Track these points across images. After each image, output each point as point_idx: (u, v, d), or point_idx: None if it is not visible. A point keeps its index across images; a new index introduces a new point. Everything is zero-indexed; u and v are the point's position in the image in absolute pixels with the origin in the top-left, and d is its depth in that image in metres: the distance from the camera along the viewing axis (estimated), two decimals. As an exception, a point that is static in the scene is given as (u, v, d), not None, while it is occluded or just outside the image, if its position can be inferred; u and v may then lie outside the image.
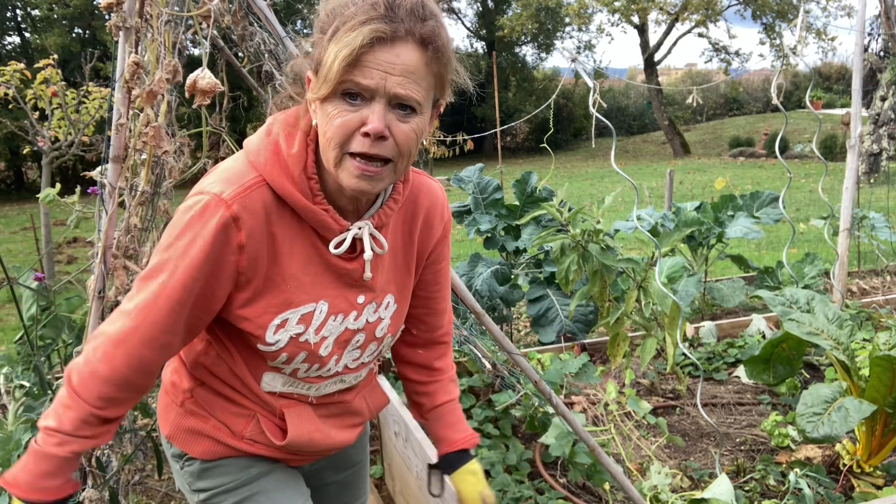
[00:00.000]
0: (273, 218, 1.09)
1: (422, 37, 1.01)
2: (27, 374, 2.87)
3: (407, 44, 1.00)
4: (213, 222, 1.05)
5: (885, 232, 5.12)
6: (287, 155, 1.09)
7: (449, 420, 1.44)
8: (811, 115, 19.91)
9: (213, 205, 1.05)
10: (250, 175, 1.08)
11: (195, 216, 1.06)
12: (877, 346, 2.51)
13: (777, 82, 3.33)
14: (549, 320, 3.78)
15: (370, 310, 1.23)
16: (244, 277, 1.10)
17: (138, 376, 1.12)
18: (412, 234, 1.27)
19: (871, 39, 12.47)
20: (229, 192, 1.06)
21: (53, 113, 4.87)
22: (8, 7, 19.19)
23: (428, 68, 1.03)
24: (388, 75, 0.99)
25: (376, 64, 0.99)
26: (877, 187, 10.78)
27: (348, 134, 1.02)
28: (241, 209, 1.06)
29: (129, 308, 1.10)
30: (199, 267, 1.06)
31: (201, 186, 1.09)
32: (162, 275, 1.07)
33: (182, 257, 1.06)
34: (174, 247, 1.07)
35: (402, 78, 1.00)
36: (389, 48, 0.99)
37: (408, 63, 1.00)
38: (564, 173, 17.75)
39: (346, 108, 1.01)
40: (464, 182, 4.21)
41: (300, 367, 1.20)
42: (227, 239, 1.06)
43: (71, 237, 9.01)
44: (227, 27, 1.98)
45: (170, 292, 1.07)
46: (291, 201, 1.09)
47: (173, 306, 1.08)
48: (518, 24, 23.64)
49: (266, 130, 1.13)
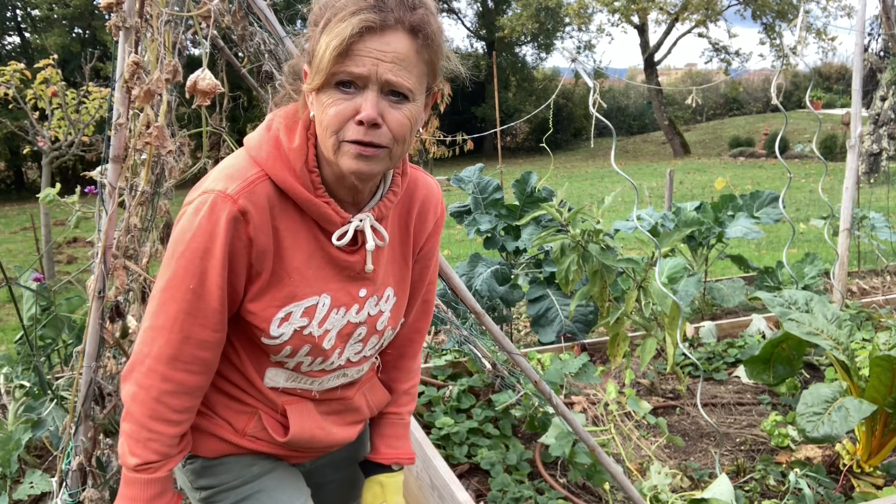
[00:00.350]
0: (276, 212, 1.11)
1: (411, 25, 1.02)
2: (27, 374, 2.87)
3: (397, 32, 1.01)
4: (223, 219, 1.06)
5: (885, 232, 5.12)
6: (288, 149, 1.10)
7: (385, 432, 1.44)
8: (811, 115, 19.91)
9: (220, 202, 1.06)
10: (253, 170, 1.10)
11: (205, 217, 1.07)
12: (877, 346, 2.51)
13: (777, 82, 3.32)
14: (549, 320, 3.78)
15: (371, 303, 1.24)
16: (254, 270, 1.12)
17: (204, 379, 1.16)
18: (408, 227, 1.29)
19: (871, 39, 12.47)
20: (233, 187, 1.07)
21: (53, 113, 4.87)
22: (8, 7, 19.19)
23: (419, 56, 1.04)
24: (379, 62, 1.01)
25: (367, 52, 1.00)
26: (877, 187, 10.78)
27: (343, 122, 1.04)
28: (246, 203, 1.07)
29: (160, 323, 1.10)
30: (224, 265, 1.08)
31: (205, 186, 1.10)
32: (190, 281, 1.08)
33: (206, 258, 1.07)
34: (192, 250, 1.07)
35: (392, 65, 1.01)
36: (379, 37, 1.01)
37: (398, 51, 1.02)
38: (564, 173, 17.74)
39: (340, 97, 1.03)
40: (464, 182, 4.21)
41: (304, 361, 1.21)
42: (238, 233, 1.07)
43: (71, 237, 9.01)
44: (227, 27, 1.98)
45: (209, 294, 1.08)
46: (293, 194, 1.10)
47: (216, 307, 1.10)
48: (518, 24, 23.64)
49: (266, 126, 1.14)
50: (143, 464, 1.12)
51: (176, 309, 1.09)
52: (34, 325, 2.90)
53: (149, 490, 1.13)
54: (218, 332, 1.13)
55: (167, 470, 1.15)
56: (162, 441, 1.13)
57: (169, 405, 1.12)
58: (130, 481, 1.13)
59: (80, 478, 1.78)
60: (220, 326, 1.12)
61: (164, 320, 1.10)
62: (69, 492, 1.77)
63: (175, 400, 1.12)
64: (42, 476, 2.51)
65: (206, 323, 1.10)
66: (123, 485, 1.15)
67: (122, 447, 1.14)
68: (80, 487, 1.77)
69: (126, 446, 1.13)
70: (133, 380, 1.12)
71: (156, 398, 1.11)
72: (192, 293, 1.08)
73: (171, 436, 1.14)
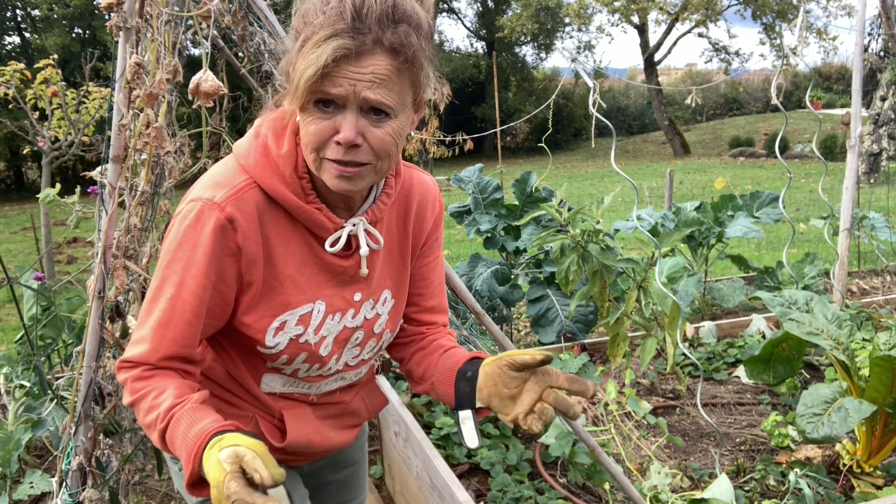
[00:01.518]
0: (266, 220, 1.09)
1: (391, 45, 0.97)
2: (27, 374, 2.87)
3: (375, 55, 0.97)
4: (208, 227, 1.04)
5: (885, 232, 5.12)
6: (277, 155, 1.08)
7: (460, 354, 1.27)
8: (811, 115, 19.91)
9: (207, 210, 1.05)
10: (241, 178, 1.08)
11: (190, 226, 1.05)
12: (877, 346, 2.51)
13: (777, 82, 3.32)
14: (549, 320, 3.78)
15: (367, 306, 1.23)
16: (245, 280, 1.10)
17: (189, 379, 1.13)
18: (406, 227, 1.27)
19: (871, 39, 12.47)
20: (221, 195, 1.06)
21: (53, 113, 4.87)
22: (8, 7, 19.19)
23: (400, 74, 1.00)
24: (357, 82, 0.97)
25: (343, 75, 0.97)
26: (877, 187, 10.78)
27: (322, 141, 1.01)
28: (234, 211, 1.05)
29: (144, 334, 1.09)
30: (206, 274, 1.05)
31: (193, 194, 1.08)
32: (168, 289, 1.06)
33: (187, 268, 1.05)
34: (176, 259, 1.06)
35: (371, 84, 0.98)
36: (356, 62, 0.97)
37: (377, 72, 0.97)
38: (564, 173, 17.74)
39: (320, 116, 1.00)
40: (464, 182, 4.21)
41: (301, 368, 1.20)
42: (226, 241, 1.06)
43: (71, 237, 9.02)
44: (227, 27, 1.98)
45: (182, 306, 1.06)
46: (284, 202, 1.09)
47: (189, 318, 1.07)
48: (518, 24, 23.64)
49: (254, 132, 1.12)
50: (181, 396, 1.04)
51: (154, 320, 1.08)
52: (34, 324, 2.90)
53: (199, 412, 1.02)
54: (187, 349, 1.09)
55: (205, 395, 1.08)
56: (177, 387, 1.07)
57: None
58: (179, 418, 1.02)
59: (80, 478, 1.78)
60: (189, 342, 1.09)
61: (146, 331, 1.09)
62: (69, 492, 1.77)
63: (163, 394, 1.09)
64: (42, 476, 2.51)
65: (177, 337, 1.07)
66: (173, 427, 1.02)
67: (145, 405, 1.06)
68: (80, 487, 1.77)
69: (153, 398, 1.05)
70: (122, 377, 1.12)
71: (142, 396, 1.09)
72: (169, 303, 1.06)
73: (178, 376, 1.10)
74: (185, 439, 1.00)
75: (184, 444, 1.00)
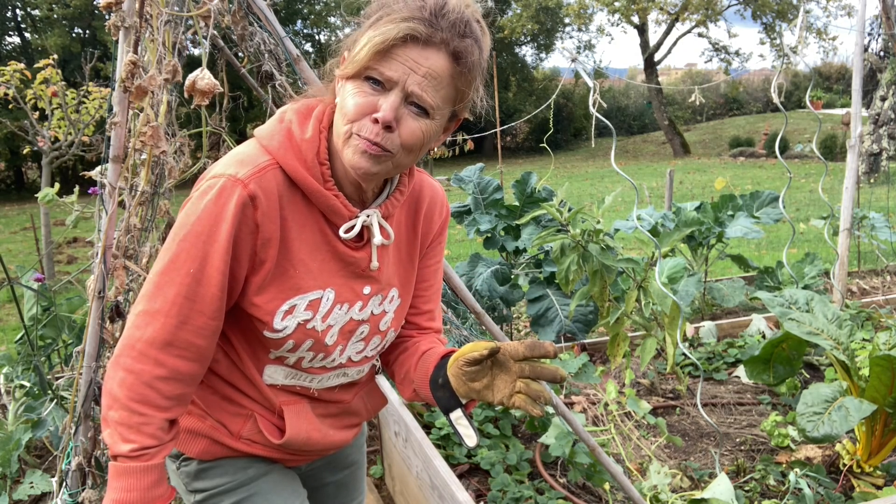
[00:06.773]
0: (284, 201, 1.10)
1: (455, 50, 1.04)
2: (27, 374, 2.87)
3: (439, 51, 1.03)
4: (232, 203, 1.05)
5: (885, 232, 5.12)
6: (300, 140, 1.11)
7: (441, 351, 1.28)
8: (811, 115, 19.91)
9: (230, 185, 1.06)
10: (264, 157, 1.10)
11: (213, 200, 1.06)
12: (877, 346, 2.51)
13: (777, 82, 3.32)
14: (548, 320, 3.78)
15: (375, 301, 1.24)
16: (258, 258, 1.10)
17: (197, 367, 1.12)
18: (416, 227, 1.29)
19: (871, 39, 12.47)
20: (244, 172, 1.07)
21: (53, 113, 4.88)
22: (8, 7, 19.20)
23: (452, 80, 1.05)
24: (411, 72, 1.02)
25: (404, 59, 1.02)
26: (877, 187, 10.79)
27: (360, 115, 1.05)
28: (257, 188, 1.06)
29: (157, 307, 1.07)
30: (228, 250, 1.06)
31: (215, 171, 1.09)
32: (191, 264, 1.06)
33: (210, 243, 1.05)
34: (195, 234, 1.06)
35: (423, 79, 1.03)
36: (421, 49, 1.02)
37: (433, 68, 1.03)
38: (564, 173, 17.75)
39: (366, 91, 1.04)
40: (464, 182, 4.21)
41: (305, 356, 1.20)
42: (246, 218, 1.07)
43: (71, 237, 9.02)
44: (226, 27, 1.98)
45: (208, 280, 1.06)
46: (303, 185, 1.10)
47: (215, 293, 1.07)
48: (518, 25, 23.65)
49: (279, 118, 1.15)
50: (140, 449, 1.08)
51: (174, 293, 1.06)
52: (34, 324, 2.90)
53: (146, 478, 1.08)
54: (214, 320, 1.10)
55: (162, 457, 1.11)
56: (155, 424, 1.09)
57: (160, 391, 1.08)
58: (124, 472, 1.08)
59: (80, 478, 1.78)
60: (217, 314, 1.10)
61: (160, 304, 1.07)
62: (69, 492, 1.77)
63: (166, 386, 1.09)
64: (42, 476, 2.51)
65: (204, 309, 1.08)
66: (115, 477, 1.07)
67: (111, 437, 1.09)
68: (79, 487, 1.77)
69: (117, 434, 1.08)
70: (122, 365, 1.08)
71: (147, 383, 1.07)
72: (191, 277, 1.06)
73: (163, 419, 1.10)
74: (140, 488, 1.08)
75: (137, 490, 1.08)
